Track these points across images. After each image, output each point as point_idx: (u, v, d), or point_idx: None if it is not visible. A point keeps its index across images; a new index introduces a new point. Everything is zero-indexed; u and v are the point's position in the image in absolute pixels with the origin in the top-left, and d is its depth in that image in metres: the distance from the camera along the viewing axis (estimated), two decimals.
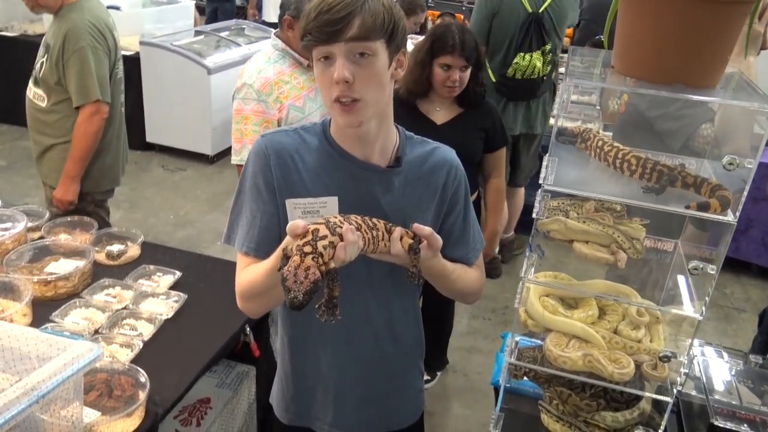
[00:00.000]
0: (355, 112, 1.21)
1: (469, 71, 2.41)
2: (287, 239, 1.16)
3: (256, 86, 2.29)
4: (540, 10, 3.38)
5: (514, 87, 3.53)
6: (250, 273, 1.30)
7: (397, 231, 1.23)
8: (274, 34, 2.45)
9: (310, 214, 1.29)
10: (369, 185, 1.32)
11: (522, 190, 4.04)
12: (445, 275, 1.36)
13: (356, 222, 1.18)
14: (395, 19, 1.20)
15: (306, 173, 1.31)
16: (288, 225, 1.14)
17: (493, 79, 3.52)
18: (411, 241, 1.24)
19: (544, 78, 3.56)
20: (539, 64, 3.48)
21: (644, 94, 1.28)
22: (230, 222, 1.38)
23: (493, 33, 3.46)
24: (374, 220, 1.22)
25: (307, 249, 1.08)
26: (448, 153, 1.41)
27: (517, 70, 3.46)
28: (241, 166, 2.34)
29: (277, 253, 1.19)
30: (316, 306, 1.12)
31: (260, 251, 1.32)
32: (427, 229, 1.25)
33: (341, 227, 1.13)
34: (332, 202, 1.29)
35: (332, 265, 1.10)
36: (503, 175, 2.69)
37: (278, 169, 1.30)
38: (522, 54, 3.42)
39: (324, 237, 1.10)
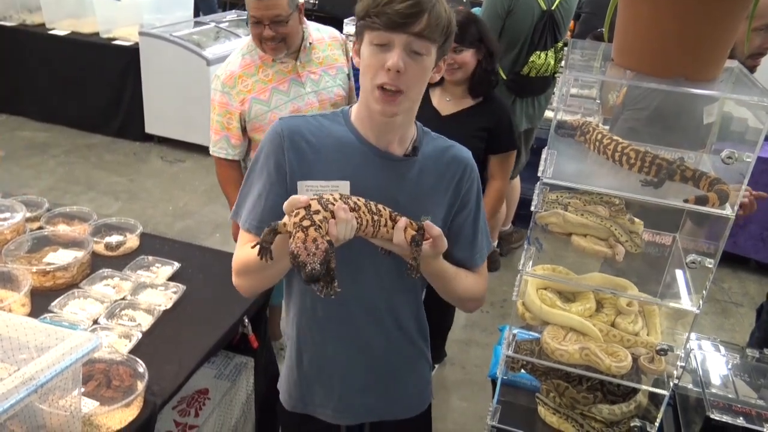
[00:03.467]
0: (396, 104, 1.25)
1: (468, 53, 2.35)
2: (285, 218, 1.17)
3: (222, 78, 2.34)
4: (553, 7, 3.35)
5: (526, 85, 3.50)
6: (246, 250, 1.32)
7: (402, 221, 1.24)
8: None
9: None
10: (385, 173, 1.34)
11: (518, 182, 4.04)
12: (445, 277, 1.37)
13: (355, 203, 1.18)
14: (451, 29, 1.27)
15: (321, 156, 1.33)
16: (285, 203, 1.15)
17: (504, 77, 3.47)
18: (414, 233, 1.24)
19: (555, 75, 3.55)
20: (552, 62, 3.47)
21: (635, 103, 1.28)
22: (239, 198, 1.41)
23: (505, 31, 3.39)
24: (380, 206, 1.23)
25: (306, 223, 1.10)
26: (465, 152, 1.43)
27: (532, 68, 3.42)
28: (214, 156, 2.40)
29: (266, 230, 1.20)
30: (318, 286, 1.13)
31: (261, 230, 1.31)
32: (436, 230, 1.26)
33: (333, 204, 1.14)
34: (344, 186, 1.32)
35: (327, 238, 1.11)
36: (507, 179, 2.63)
37: (292, 152, 1.32)
38: (538, 53, 3.39)
39: (317, 212, 1.12)
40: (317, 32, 2.46)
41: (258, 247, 1.18)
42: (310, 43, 2.38)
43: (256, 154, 1.38)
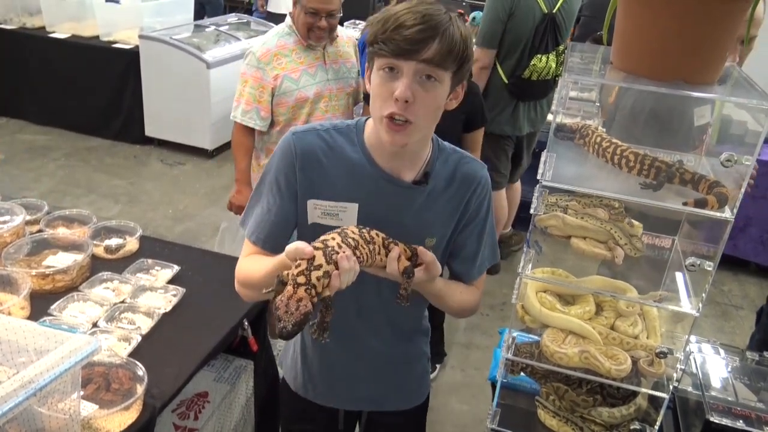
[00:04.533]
0: (404, 134, 1.20)
1: None
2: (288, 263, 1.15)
3: (257, 55, 2.56)
4: (554, 10, 3.35)
5: (527, 88, 3.49)
6: (250, 265, 1.33)
7: (395, 251, 1.23)
8: (289, 13, 2.67)
9: (330, 216, 1.31)
10: (393, 198, 1.32)
11: (519, 185, 4.03)
12: (439, 296, 1.37)
13: (355, 240, 1.16)
14: (468, 53, 1.20)
15: (331, 177, 1.31)
16: (289, 248, 1.13)
17: (505, 81, 3.47)
18: (407, 263, 1.23)
19: (557, 78, 3.55)
20: (554, 65, 3.46)
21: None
22: (248, 207, 1.42)
23: (506, 34, 3.39)
24: (373, 233, 1.21)
25: (301, 280, 1.08)
26: (479, 169, 1.40)
27: (533, 71, 3.42)
28: (236, 122, 2.61)
29: (273, 272, 1.20)
30: (309, 324, 1.13)
31: (267, 244, 1.35)
32: (429, 256, 1.25)
33: (338, 253, 1.12)
34: (352, 208, 1.31)
35: (327, 293, 1.11)
36: (479, 151, 2.83)
37: (302, 171, 1.31)
38: (539, 56, 3.38)
39: (319, 267, 1.10)
40: (339, 28, 2.74)
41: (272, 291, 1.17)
42: (337, 36, 2.67)
43: (267, 164, 1.38)
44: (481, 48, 3.37)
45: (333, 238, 1.15)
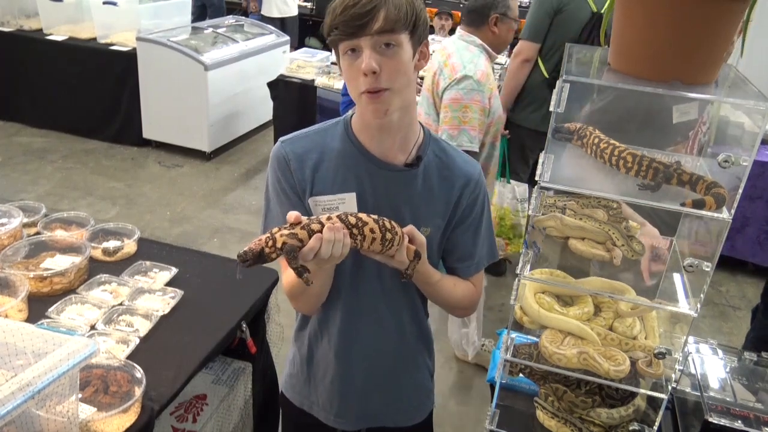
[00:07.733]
0: (383, 101, 1.23)
1: None
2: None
3: (476, 77, 2.46)
4: (603, 10, 3.35)
5: None
6: (286, 275, 1.35)
7: (405, 238, 1.25)
8: (464, 31, 2.60)
9: (330, 211, 1.33)
10: (387, 183, 1.34)
11: None
12: (430, 282, 1.39)
13: (360, 220, 1.18)
14: (417, 12, 1.22)
15: (326, 171, 1.34)
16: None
17: (546, 75, 3.45)
18: (414, 247, 1.26)
19: None
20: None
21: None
22: (263, 229, 1.42)
23: (553, 30, 3.37)
24: (392, 222, 1.23)
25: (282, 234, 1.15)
26: (472, 168, 1.42)
27: None
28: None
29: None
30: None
31: None
32: (419, 235, 1.28)
33: (321, 225, 1.15)
34: (350, 198, 1.33)
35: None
36: None
37: (299, 172, 1.33)
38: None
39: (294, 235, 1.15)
40: None
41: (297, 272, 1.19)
42: None
43: (266, 183, 1.40)
44: (525, 41, 3.36)
45: (329, 218, 1.17)
